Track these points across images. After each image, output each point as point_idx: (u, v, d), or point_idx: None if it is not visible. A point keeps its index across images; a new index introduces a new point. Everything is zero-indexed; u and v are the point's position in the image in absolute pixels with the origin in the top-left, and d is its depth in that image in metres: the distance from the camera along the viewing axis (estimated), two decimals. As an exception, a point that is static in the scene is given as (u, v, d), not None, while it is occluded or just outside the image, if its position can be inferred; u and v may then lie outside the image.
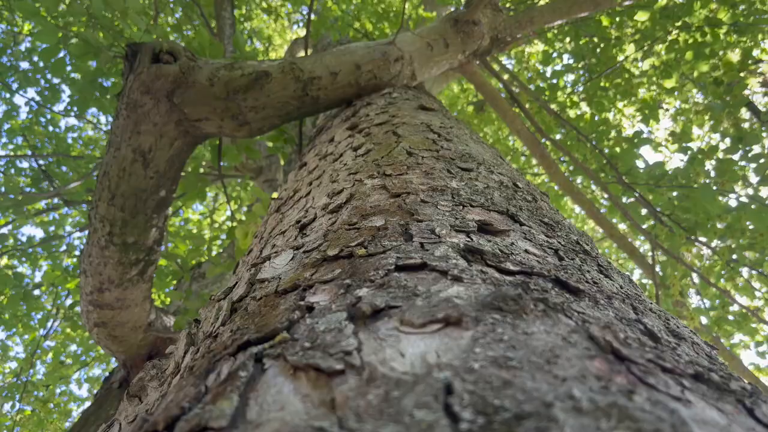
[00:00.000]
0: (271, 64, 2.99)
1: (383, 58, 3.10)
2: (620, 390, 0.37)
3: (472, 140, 2.01)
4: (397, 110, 2.29)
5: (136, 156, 2.98)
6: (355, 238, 0.83)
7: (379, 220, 0.93)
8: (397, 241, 0.79)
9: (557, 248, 0.88)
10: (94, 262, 3.18)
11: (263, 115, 2.98)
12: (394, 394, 0.37)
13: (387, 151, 1.50)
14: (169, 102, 2.91)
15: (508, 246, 0.80)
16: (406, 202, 1.02)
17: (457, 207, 1.00)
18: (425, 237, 0.79)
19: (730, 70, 4.38)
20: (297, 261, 0.84)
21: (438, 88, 5.59)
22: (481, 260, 0.70)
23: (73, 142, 8.88)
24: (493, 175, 1.38)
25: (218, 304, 0.84)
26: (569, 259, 0.82)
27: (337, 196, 1.24)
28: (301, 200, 1.54)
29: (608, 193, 4.45)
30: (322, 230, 0.97)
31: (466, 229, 0.84)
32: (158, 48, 2.96)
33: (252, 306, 0.72)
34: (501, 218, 1.00)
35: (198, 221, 9.11)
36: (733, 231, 4.41)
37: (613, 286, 0.76)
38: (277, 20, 9.81)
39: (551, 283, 0.65)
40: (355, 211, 1.04)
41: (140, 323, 3.57)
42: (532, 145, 4.55)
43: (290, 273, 0.79)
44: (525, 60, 7.15)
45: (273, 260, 0.87)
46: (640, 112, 5.70)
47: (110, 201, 3.03)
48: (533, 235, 0.93)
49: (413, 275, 0.64)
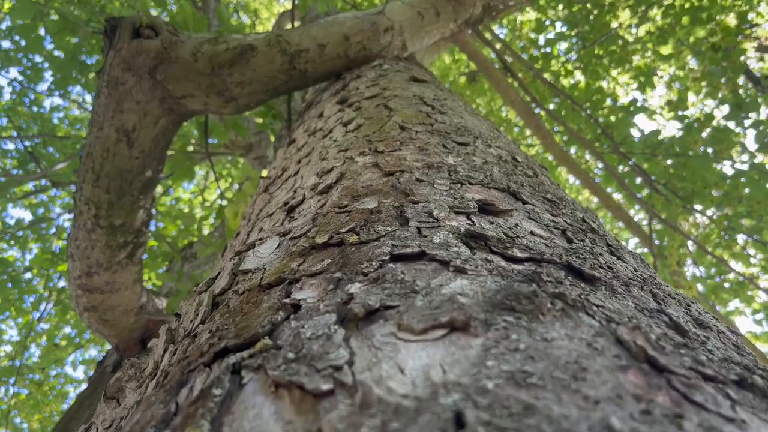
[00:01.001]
0: (256, 38, 2.88)
1: (372, 29, 3.00)
2: (666, 414, 0.31)
3: (467, 112, 1.93)
4: (388, 82, 2.20)
5: (120, 136, 2.88)
6: (346, 223, 0.76)
7: (371, 201, 0.86)
8: (391, 226, 0.72)
9: (564, 228, 0.81)
10: (81, 245, 3.10)
11: (250, 91, 2.88)
12: (392, 427, 0.31)
13: (379, 126, 1.42)
14: (152, 79, 2.80)
15: (513, 228, 0.73)
16: (400, 182, 0.95)
17: (455, 185, 0.93)
18: (422, 221, 0.72)
19: (728, 35, 4.28)
20: (283, 249, 0.77)
21: (429, 59, 5.46)
22: (485, 247, 0.63)
23: (59, 123, 8.71)
24: (491, 149, 1.31)
25: (199, 297, 0.77)
26: (578, 240, 0.76)
27: (326, 175, 1.17)
28: (290, 180, 1.46)
29: (604, 163, 4.38)
30: (310, 214, 0.90)
31: (466, 210, 0.77)
32: (138, 22, 2.85)
33: (234, 302, 0.65)
34: (502, 196, 0.93)
35: (189, 200, 9.00)
36: (730, 199, 4.36)
37: (628, 269, 0.70)
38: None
39: (564, 271, 0.58)
40: (346, 191, 0.97)
41: (131, 306, 3.50)
42: (526, 115, 4.46)
43: (276, 263, 0.72)
44: (518, 29, 7.01)
45: (258, 248, 0.80)
46: (636, 79, 5.60)
47: (95, 183, 2.94)
48: (537, 214, 0.86)
49: (411, 266, 0.57)
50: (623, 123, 4.81)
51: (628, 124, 4.80)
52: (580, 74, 5.88)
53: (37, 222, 7.61)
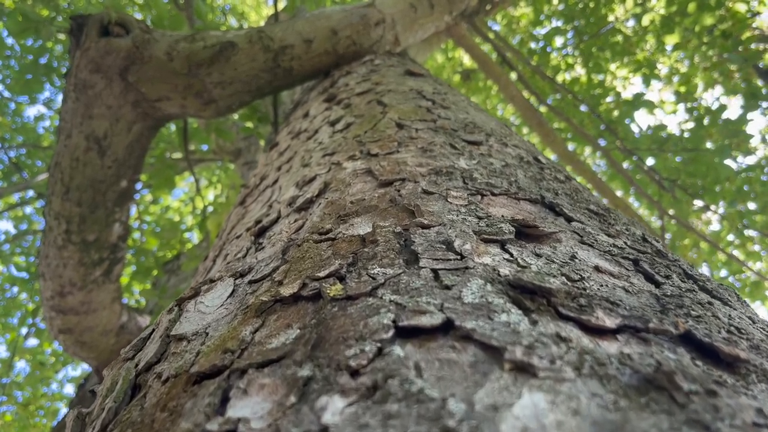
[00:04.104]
0: (237, 34, 2.65)
1: (362, 22, 2.76)
2: None
3: (472, 107, 1.70)
4: (380, 77, 1.97)
5: (90, 143, 2.64)
6: (327, 260, 0.53)
7: (363, 224, 0.63)
8: (393, 267, 0.48)
9: (634, 256, 0.58)
10: (53, 263, 2.86)
11: (231, 91, 2.65)
12: None
13: (371, 124, 1.19)
14: (123, 81, 2.57)
15: (571, 264, 0.50)
16: (401, 194, 0.72)
17: (474, 197, 0.70)
18: (439, 257, 0.48)
19: (738, 21, 4.06)
20: (238, 299, 0.53)
21: (423, 56, 5.22)
22: (548, 308, 0.39)
23: (45, 133, 8.45)
24: (508, 149, 1.08)
25: (119, 370, 0.54)
26: (661, 276, 0.53)
27: (307, 186, 0.94)
28: (267, 191, 1.23)
29: (611, 160, 4.15)
30: (281, 242, 0.67)
31: (498, 237, 0.54)
32: (107, 19, 2.61)
33: (150, 399, 0.42)
34: (537, 210, 0.70)
35: (178, 209, 8.73)
36: (744, 194, 4.14)
37: (755, 330, 0.46)
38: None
39: (686, 352, 0.35)
40: (330, 209, 0.73)
41: (111, 327, 3.26)
42: (527, 112, 4.23)
43: (222, 325, 0.49)
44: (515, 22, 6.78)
45: (204, 296, 0.57)
46: (638, 72, 5.36)
47: (65, 195, 2.70)
48: (592, 236, 0.63)
49: (433, 356, 0.34)
50: (627, 118, 4.58)
51: (633, 119, 4.57)
52: (580, 68, 5.66)
53: (21, 235, 7.36)
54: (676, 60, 5.65)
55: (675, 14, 4.41)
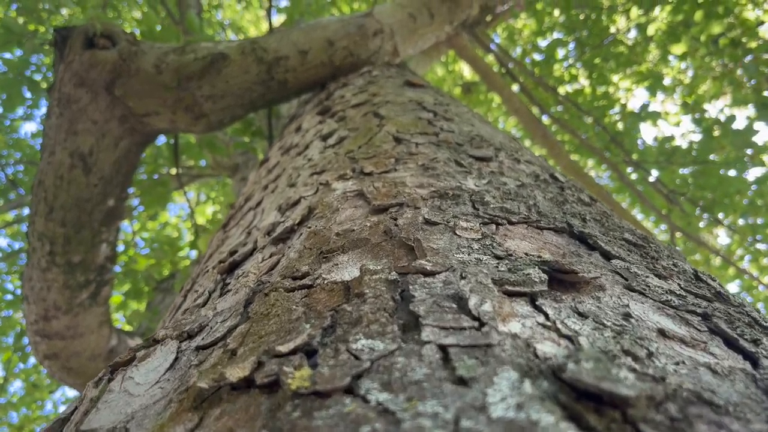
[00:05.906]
0: (228, 45, 2.54)
1: (360, 33, 2.65)
2: None
3: (476, 119, 1.57)
4: (378, 88, 1.84)
5: (75, 160, 2.52)
6: (296, 323, 0.40)
7: (349, 264, 0.50)
8: (384, 337, 0.35)
9: (703, 310, 0.44)
10: (36, 286, 2.72)
11: (222, 105, 2.53)
12: None
13: (366, 138, 1.06)
14: (110, 95, 2.45)
15: (627, 326, 0.37)
16: (398, 224, 0.58)
17: (487, 227, 0.57)
18: (447, 325, 0.35)
19: (748, 29, 3.94)
20: (177, 376, 0.40)
21: (423, 68, 5.11)
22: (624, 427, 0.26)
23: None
24: (520, 165, 0.94)
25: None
26: (749, 341, 0.39)
27: (290, 211, 0.80)
28: (249, 213, 1.10)
29: (618, 173, 4.02)
30: (247, 287, 0.53)
31: (527, 288, 0.40)
32: (92, 31, 2.50)
33: None
34: (565, 243, 0.57)
35: (176, 225, 8.59)
36: (756, 208, 4.00)
37: None
38: (248, 8, 9.26)
39: None
40: (312, 241, 0.60)
41: (99, 351, 3.11)
42: (531, 124, 4.11)
43: (148, 420, 0.35)
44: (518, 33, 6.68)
45: (137, 368, 0.43)
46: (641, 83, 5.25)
47: (48, 215, 2.57)
48: (641, 279, 0.49)
49: None
50: (634, 129, 4.46)
51: (639, 131, 4.45)
52: (584, 79, 5.54)
53: (17, 252, 7.23)
54: (679, 71, 5.54)
55: (681, 23, 4.30)
